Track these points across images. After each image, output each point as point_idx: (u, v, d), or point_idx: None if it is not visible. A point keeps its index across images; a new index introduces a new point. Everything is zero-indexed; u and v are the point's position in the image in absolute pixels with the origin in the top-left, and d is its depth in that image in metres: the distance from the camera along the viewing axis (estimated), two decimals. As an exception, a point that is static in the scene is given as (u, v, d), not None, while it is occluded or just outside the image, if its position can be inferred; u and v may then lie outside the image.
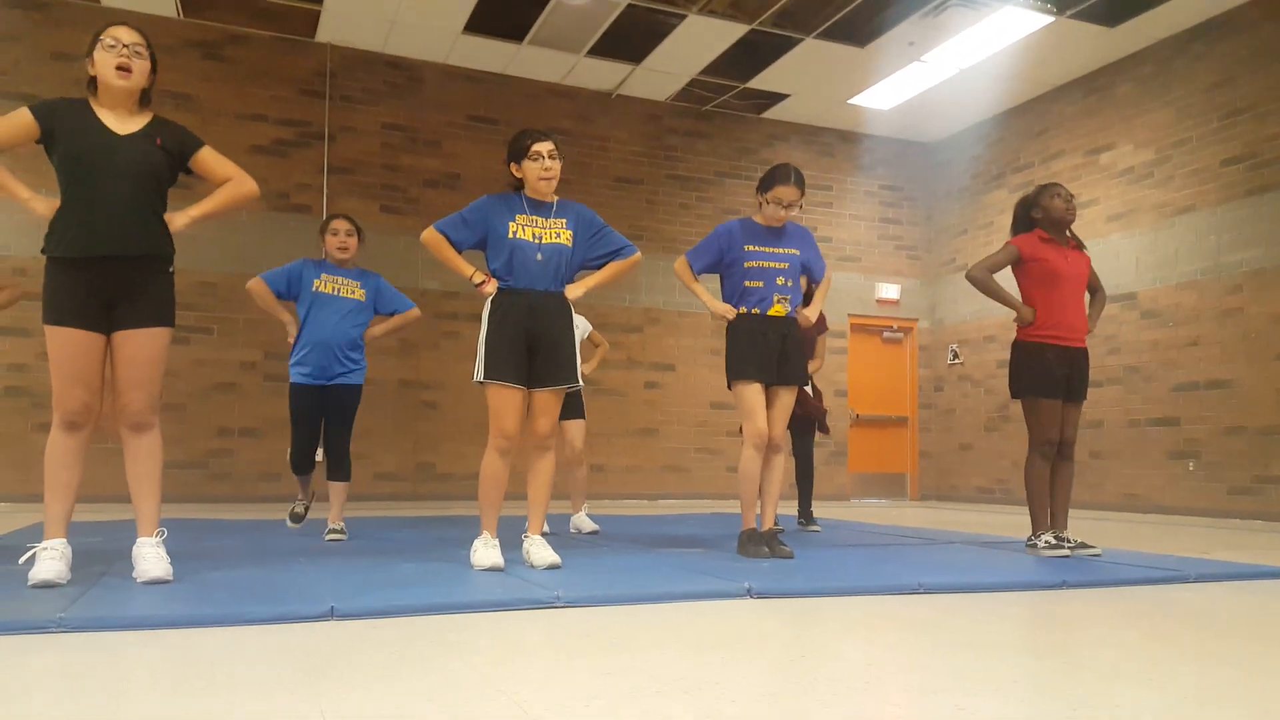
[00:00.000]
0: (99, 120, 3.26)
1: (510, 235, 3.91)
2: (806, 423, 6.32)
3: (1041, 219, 4.88)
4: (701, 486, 9.81)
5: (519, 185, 4.07)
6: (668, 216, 10.10)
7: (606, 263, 4.18)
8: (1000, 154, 10.32)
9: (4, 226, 7.77)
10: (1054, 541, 4.70)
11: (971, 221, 10.66)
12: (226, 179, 3.48)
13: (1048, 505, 4.79)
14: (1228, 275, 7.83)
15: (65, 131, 3.20)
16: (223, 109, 8.49)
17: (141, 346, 3.26)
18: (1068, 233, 4.92)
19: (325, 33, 8.70)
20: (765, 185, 4.64)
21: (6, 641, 2.37)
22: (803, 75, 9.42)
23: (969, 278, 4.87)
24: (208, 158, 3.45)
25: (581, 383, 4.15)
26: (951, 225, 10.98)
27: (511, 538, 4.06)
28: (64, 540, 3.23)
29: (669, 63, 9.17)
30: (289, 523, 5.44)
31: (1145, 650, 2.54)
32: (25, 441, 7.66)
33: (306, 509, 5.44)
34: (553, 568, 3.80)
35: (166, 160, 3.35)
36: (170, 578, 3.23)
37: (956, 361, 10.77)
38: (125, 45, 3.27)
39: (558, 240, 3.97)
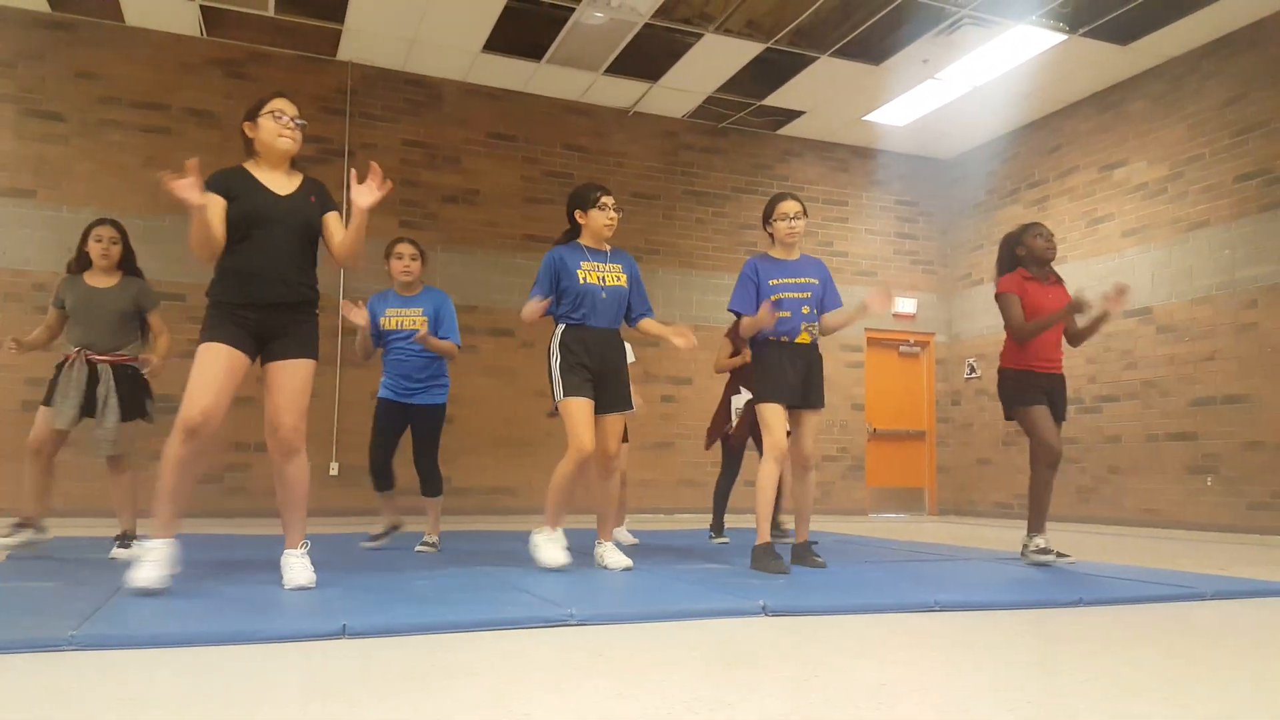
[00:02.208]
0: (260, 184, 3.68)
1: (581, 281, 4.48)
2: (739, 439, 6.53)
3: (1025, 256, 5.26)
4: (717, 502, 9.79)
5: (574, 233, 4.65)
6: (684, 231, 10.13)
7: (641, 317, 4.73)
8: (1015, 170, 10.31)
9: (26, 241, 7.88)
10: (1044, 546, 5.06)
11: (987, 237, 10.64)
12: (334, 239, 3.77)
13: (1047, 508, 5.14)
14: (1243, 290, 7.80)
15: (236, 195, 3.61)
16: (243, 127, 8.58)
17: (292, 375, 3.62)
18: (1048, 269, 5.29)
19: (346, 51, 8.79)
20: (768, 212, 4.87)
21: (17, 660, 2.38)
22: (818, 92, 9.45)
23: (1023, 339, 5.12)
24: (331, 221, 3.79)
25: (634, 408, 4.66)
26: (967, 240, 10.97)
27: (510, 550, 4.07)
28: (171, 541, 3.43)
29: (686, 80, 9.22)
30: (370, 541, 5.64)
31: (1163, 669, 2.53)
32: (46, 455, 7.72)
33: (386, 532, 5.63)
34: (625, 569, 4.38)
35: (319, 214, 3.76)
36: (313, 585, 3.54)
37: (974, 375, 10.74)
38: (290, 118, 3.74)
39: (618, 283, 4.57)
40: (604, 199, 4.57)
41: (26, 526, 4.83)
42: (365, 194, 3.58)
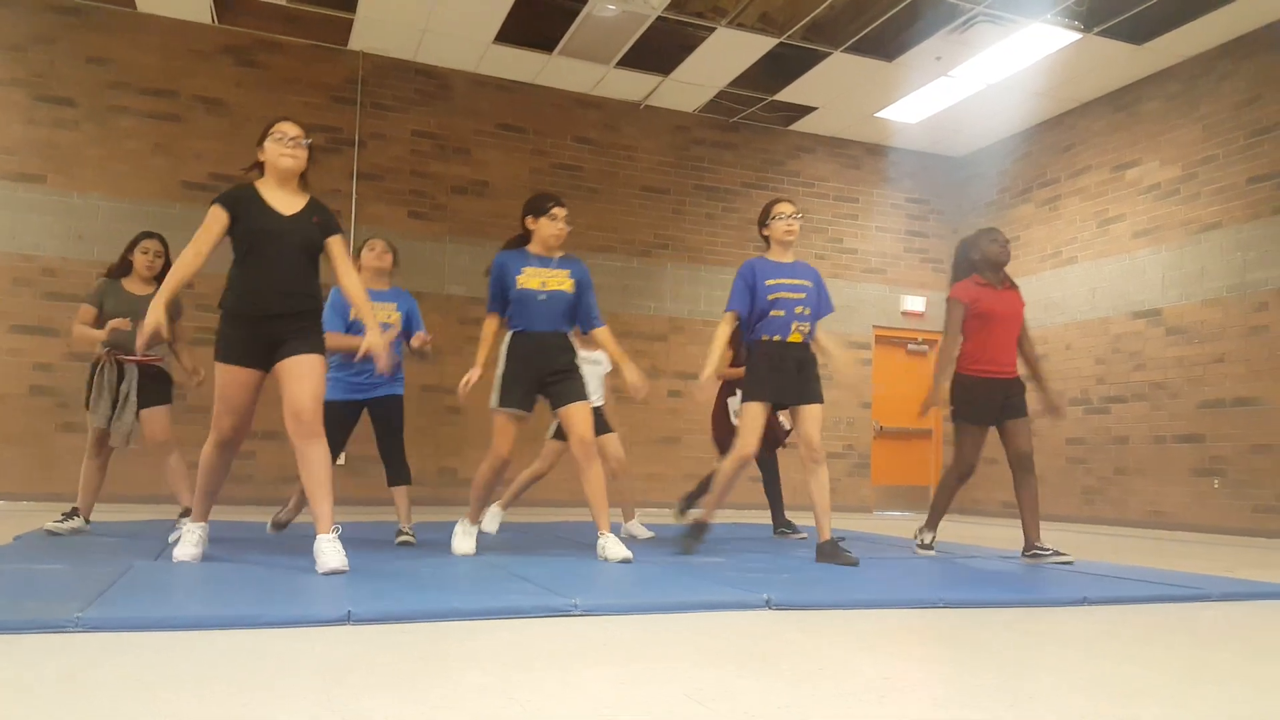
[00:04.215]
0: (268, 205, 3.96)
1: (518, 286, 4.58)
2: (771, 440, 6.53)
3: (979, 261, 5.36)
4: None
5: (525, 239, 4.72)
6: (694, 226, 10.12)
7: (591, 327, 4.80)
8: (1027, 169, 10.27)
9: (36, 227, 7.90)
10: (928, 542, 5.56)
11: (997, 235, 10.59)
12: (340, 268, 4.09)
13: (945, 511, 5.59)
14: (1254, 293, 7.76)
15: (243, 215, 3.91)
16: (254, 114, 8.57)
17: (308, 367, 3.90)
18: (1003, 274, 5.38)
19: (357, 41, 8.79)
20: (764, 215, 5.03)
21: (24, 640, 2.39)
22: (830, 88, 9.42)
23: (941, 350, 5.33)
24: (334, 245, 4.07)
25: (599, 401, 4.81)
26: (977, 239, 10.91)
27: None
28: (206, 525, 4.09)
29: (697, 74, 9.20)
30: (269, 529, 5.44)
31: (1167, 669, 2.52)
32: (50, 441, 7.76)
33: (289, 520, 5.47)
34: (625, 561, 4.33)
35: (320, 235, 4.04)
36: (346, 569, 3.67)
37: (980, 376, 10.69)
38: (291, 138, 4.02)
39: (560, 288, 4.62)
40: (555, 210, 4.66)
41: (76, 516, 5.23)
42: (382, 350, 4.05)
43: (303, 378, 3.86)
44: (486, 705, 1.91)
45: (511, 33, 8.46)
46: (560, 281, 4.62)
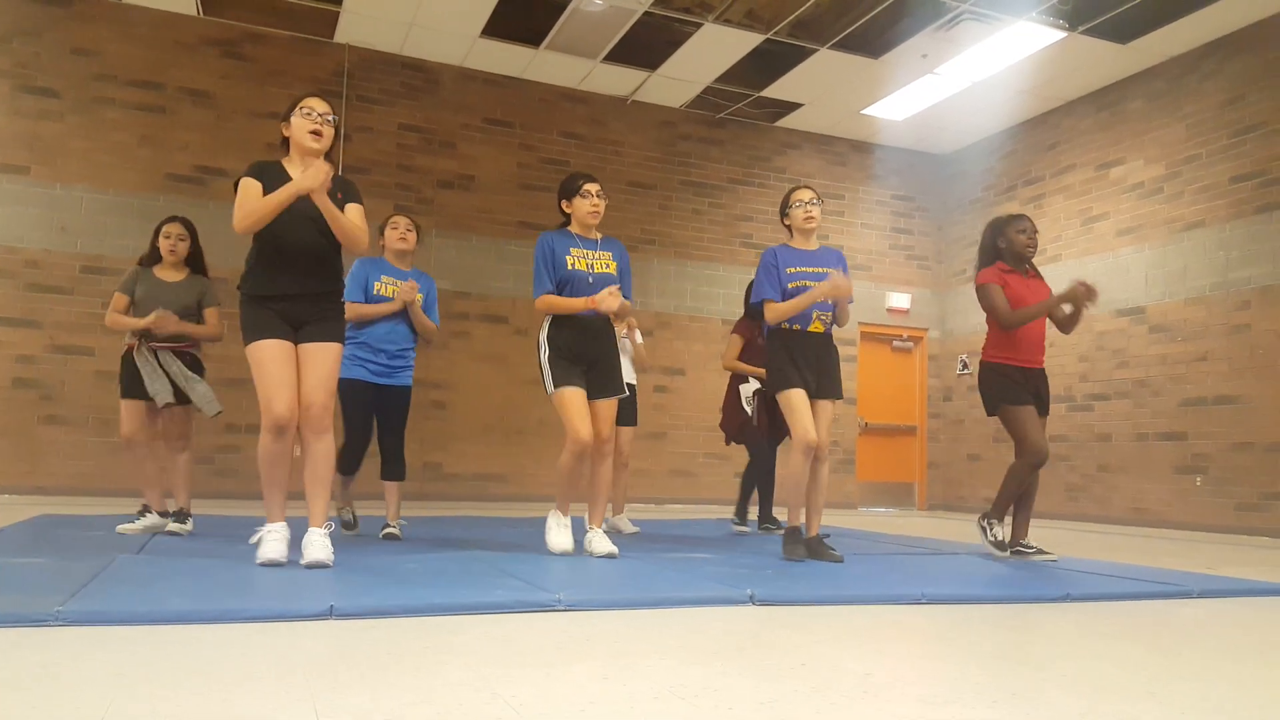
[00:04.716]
0: (290, 179, 3.79)
1: (569, 267, 4.50)
2: (776, 434, 6.49)
3: (1005, 249, 5.17)
4: (709, 492, 9.81)
5: (565, 222, 4.68)
6: (680, 222, 10.12)
7: None
8: (1012, 167, 10.32)
9: (20, 219, 7.84)
10: (1002, 539, 5.12)
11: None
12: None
13: (1013, 500, 5.13)
14: (1236, 291, 7.82)
15: (268, 187, 3.77)
16: (240, 107, 8.55)
17: (322, 358, 3.84)
18: (1027, 264, 5.20)
19: (344, 33, 8.75)
20: (785, 203, 4.92)
21: (3, 634, 2.36)
22: (817, 85, 9.44)
23: (1010, 327, 5.02)
24: (351, 210, 3.91)
25: (626, 391, 4.67)
26: (963, 236, 10.97)
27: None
28: (284, 524, 3.79)
29: (684, 70, 9.19)
30: (342, 531, 5.27)
31: (1146, 664, 2.54)
32: (32, 434, 7.71)
33: (355, 516, 5.42)
34: (609, 556, 4.32)
35: (340, 207, 3.86)
36: (331, 563, 3.66)
37: (965, 372, 10.75)
38: (319, 114, 3.88)
39: (606, 270, 4.57)
40: (587, 186, 4.62)
41: (149, 512, 5.14)
42: (307, 178, 3.69)
43: (316, 368, 3.81)
44: (469, 700, 1.90)
45: (498, 26, 8.44)
46: (605, 264, 4.59)
